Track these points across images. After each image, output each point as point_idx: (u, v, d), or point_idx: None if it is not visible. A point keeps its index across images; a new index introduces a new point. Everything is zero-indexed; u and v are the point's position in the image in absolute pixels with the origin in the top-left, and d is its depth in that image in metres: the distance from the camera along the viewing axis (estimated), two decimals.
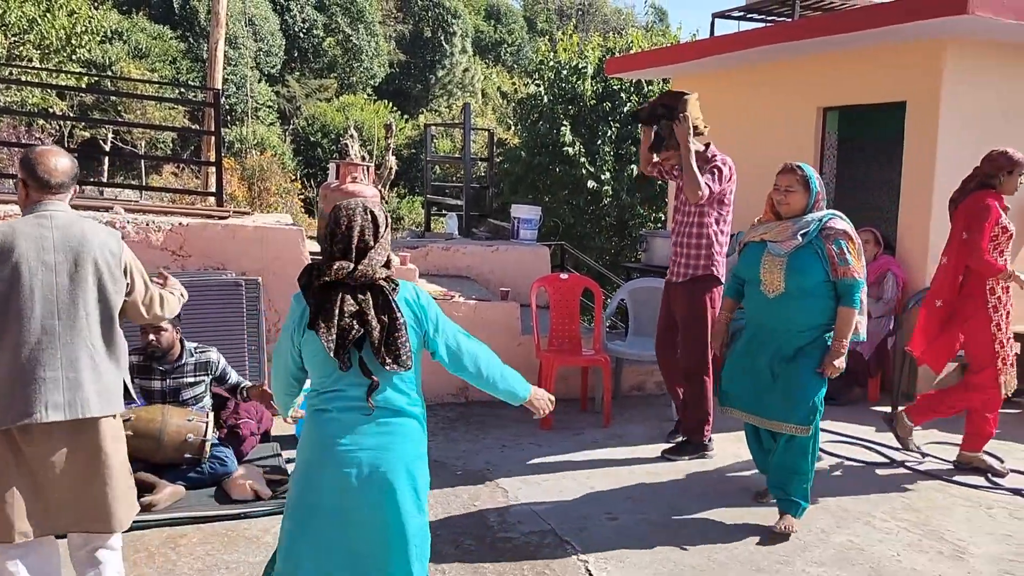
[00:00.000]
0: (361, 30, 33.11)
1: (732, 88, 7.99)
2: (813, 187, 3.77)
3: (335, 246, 2.33)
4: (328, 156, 24.14)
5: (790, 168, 3.81)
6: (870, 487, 4.49)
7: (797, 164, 3.81)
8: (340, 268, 2.28)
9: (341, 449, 2.31)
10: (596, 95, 12.81)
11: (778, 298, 3.79)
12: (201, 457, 4.03)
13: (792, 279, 3.74)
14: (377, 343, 2.27)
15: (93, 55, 22.38)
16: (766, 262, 3.82)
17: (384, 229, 2.39)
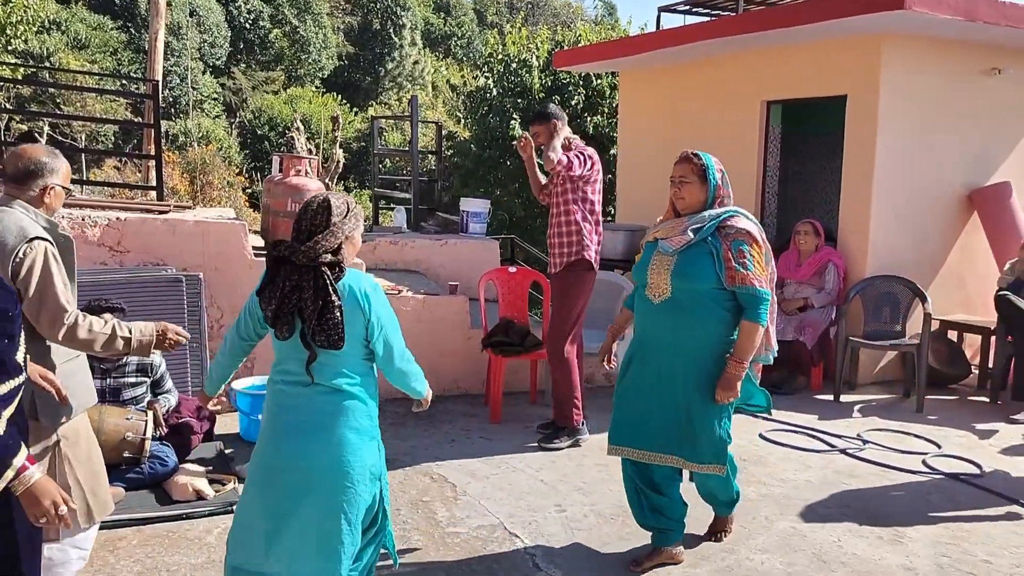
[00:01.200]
0: (308, 22, 32.62)
1: (678, 82, 8.06)
2: (712, 179, 3.25)
3: (295, 228, 2.57)
4: (275, 149, 23.77)
5: (685, 157, 3.32)
6: (813, 474, 4.57)
7: (694, 152, 3.31)
8: (287, 246, 2.51)
9: (283, 418, 2.56)
10: (545, 88, 12.81)
11: (664, 304, 3.24)
12: (141, 457, 3.94)
13: (679, 281, 3.20)
14: (308, 320, 2.47)
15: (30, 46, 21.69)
16: (654, 262, 3.30)
17: (339, 218, 2.57)
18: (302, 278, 2.48)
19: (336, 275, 2.51)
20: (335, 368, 2.54)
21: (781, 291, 6.41)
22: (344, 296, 2.50)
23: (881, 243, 6.38)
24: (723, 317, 3.21)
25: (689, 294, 3.19)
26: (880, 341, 6.12)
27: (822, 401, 6.00)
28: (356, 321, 2.52)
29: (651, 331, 3.32)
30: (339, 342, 2.46)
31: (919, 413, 5.75)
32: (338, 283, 2.50)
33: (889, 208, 6.37)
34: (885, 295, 6.25)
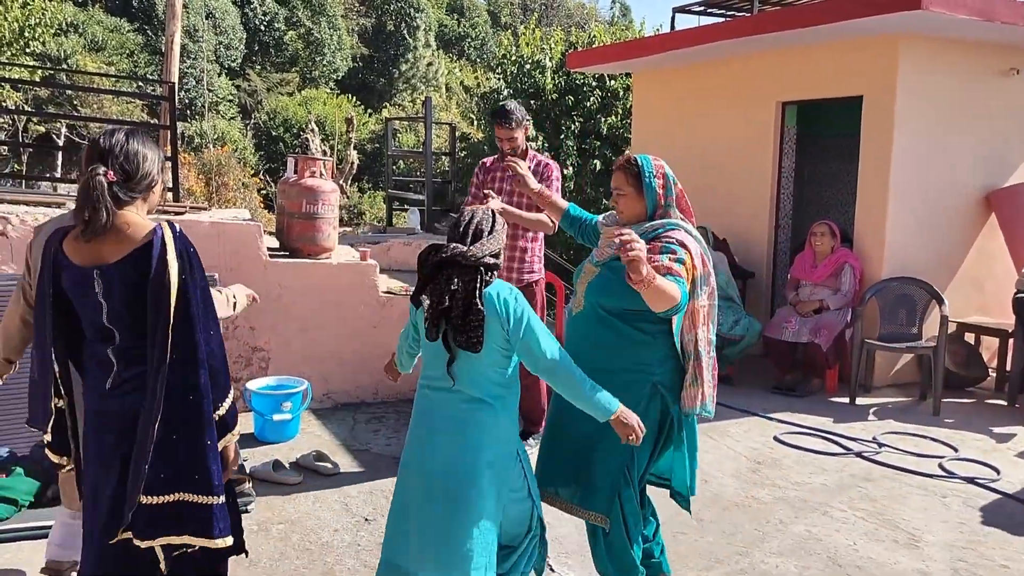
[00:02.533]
0: (323, 23, 32.75)
1: (692, 83, 8.03)
2: (650, 186, 2.80)
3: (454, 232, 2.61)
4: (290, 150, 23.88)
5: (619, 165, 2.86)
6: (828, 478, 4.55)
7: (629, 158, 2.86)
8: (455, 248, 2.53)
9: (421, 421, 2.63)
10: (558, 89, 12.80)
11: (578, 316, 2.91)
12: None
13: (592, 295, 2.84)
14: (453, 319, 2.49)
15: (48, 48, 21.91)
16: (584, 270, 2.95)
17: (500, 227, 2.65)
18: (462, 278, 2.51)
19: (488, 280, 2.55)
20: (475, 375, 2.55)
21: (796, 292, 6.38)
22: (485, 302, 2.51)
23: (897, 245, 6.33)
24: (634, 338, 2.76)
25: (599, 309, 2.81)
26: (896, 343, 6.08)
27: (837, 404, 5.97)
28: (495, 328, 2.51)
29: (568, 345, 2.86)
30: (477, 345, 2.46)
31: (936, 416, 5.71)
32: (488, 288, 2.55)
33: (905, 209, 6.33)
34: (901, 297, 6.21)
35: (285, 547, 3.55)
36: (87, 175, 2.24)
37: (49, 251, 2.32)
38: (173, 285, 2.23)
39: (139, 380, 2.27)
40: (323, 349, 5.51)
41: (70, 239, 2.30)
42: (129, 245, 2.26)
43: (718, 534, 3.80)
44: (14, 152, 21.12)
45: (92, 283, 2.26)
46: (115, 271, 2.25)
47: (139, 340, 2.27)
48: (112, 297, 2.26)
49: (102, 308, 2.28)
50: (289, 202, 5.63)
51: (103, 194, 2.22)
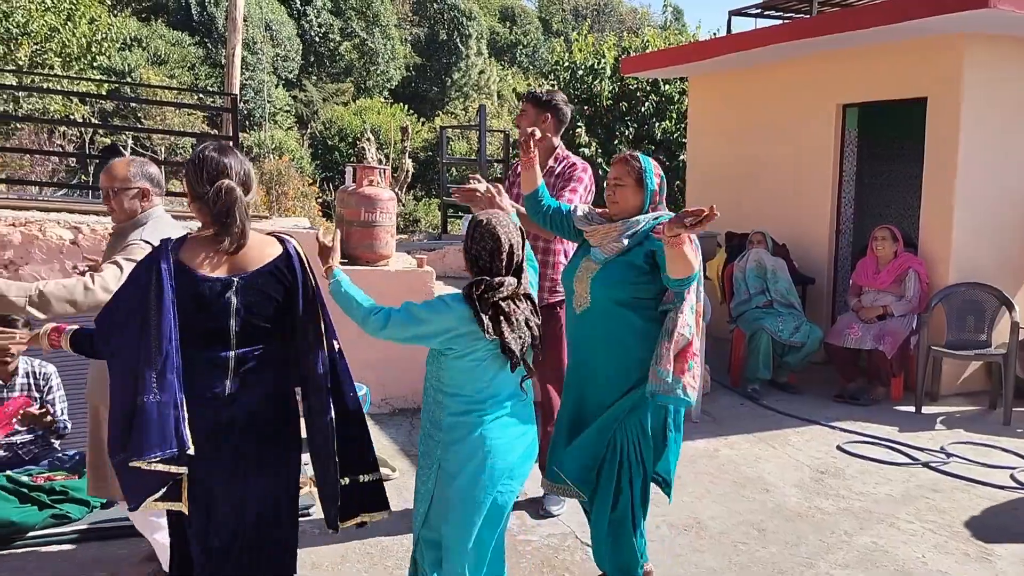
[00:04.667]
0: (377, 34, 33.19)
1: (750, 86, 7.94)
2: (648, 184, 2.97)
3: (496, 262, 2.52)
4: (345, 160, 24.24)
5: (623, 158, 3.04)
6: (894, 488, 4.43)
7: (632, 154, 3.05)
8: (510, 285, 2.51)
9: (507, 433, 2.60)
10: (612, 95, 12.76)
11: (584, 314, 3.01)
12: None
13: (599, 290, 2.95)
14: (539, 344, 2.58)
15: (113, 62, 22.63)
16: (581, 269, 3.04)
17: (526, 239, 2.67)
18: (525, 308, 2.56)
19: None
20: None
21: (859, 299, 6.25)
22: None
23: (964, 249, 6.16)
24: (641, 331, 2.90)
25: (607, 304, 2.92)
26: (964, 351, 5.90)
27: (902, 412, 5.82)
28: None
29: (576, 346, 3.11)
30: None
31: (1006, 425, 5.53)
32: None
33: (972, 213, 6.15)
34: (969, 303, 6.03)
35: (346, 551, 3.60)
36: (226, 191, 2.33)
37: (162, 263, 2.30)
38: (314, 288, 2.48)
39: (253, 383, 2.40)
40: (381, 355, 5.55)
41: (192, 251, 2.36)
42: (264, 256, 2.41)
43: (781, 545, 3.73)
44: (82, 164, 21.83)
45: (227, 292, 2.34)
46: (255, 279, 2.38)
47: (256, 345, 2.41)
48: (246, 305, 2.37)
49: (231, 315, 2.35)
50: (348, 210, 5.71)
51: (243, 208, 2.36)
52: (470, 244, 2.55)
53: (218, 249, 2.37)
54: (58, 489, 3.69)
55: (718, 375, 6.45)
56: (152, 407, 2.23)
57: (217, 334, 2.36)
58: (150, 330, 2.25)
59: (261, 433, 2.42)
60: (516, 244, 2.56)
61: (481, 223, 2.56)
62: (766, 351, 6.13)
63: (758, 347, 6.14)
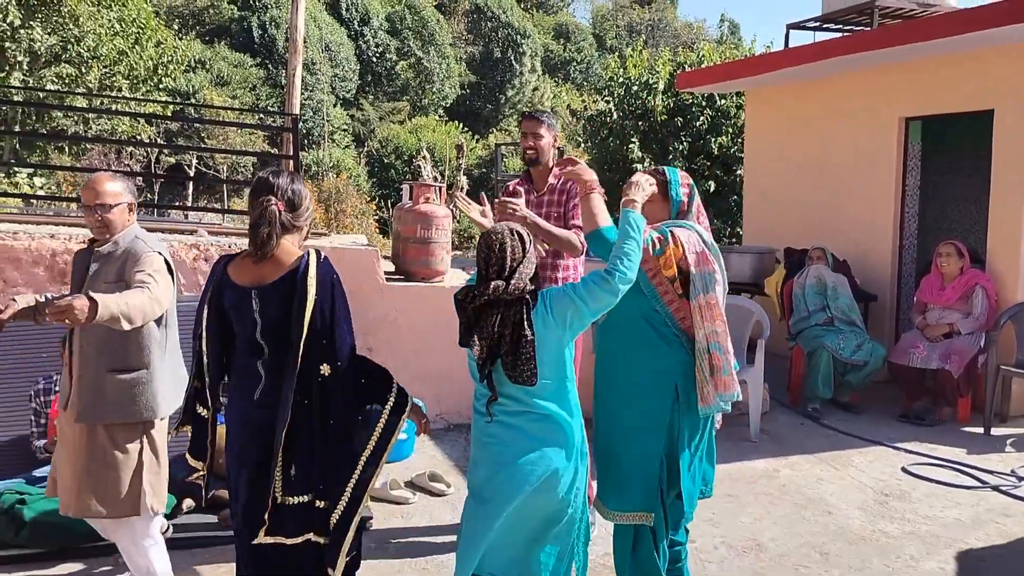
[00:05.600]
0: (432, 53, 33.66)
1: (809, 100, 7.83)
2: (675, 196, 2.98)
3: (490, 268, 2.55)
4: (401, 177, 24.55)
5: (651, 172, 3.05)
6: (963, 512, 4.29)
7: (661, 168, 3.06)
8: (496, 287, 2.50)
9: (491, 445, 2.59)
10: (667, 110, 12.70)
11: (603, 324, 2.99)
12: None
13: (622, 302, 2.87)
14: (504, 356, 2.50)
15: (178, 84, 23.36)
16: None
17: (530, 244, 2.63)
18: (506, 313, 2.50)
19: (533, 303, 2.55)
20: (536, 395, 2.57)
21: (924, 316, 6.08)
22: (538, 321, 2.54)
23: None
24: (652, 341, 2.89)
25: (619, 313, 2.83)
26: None
27: (970, 434, 5.63)
28: (552, 344, 2.57)
29: (599, 359, 3.07)
30: (532, 378, 2.49)
31: None
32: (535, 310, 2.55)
33: None
34: None
35: (402, 565, 3.62)
36: (261, 203, 2.54)
37: (215, 273, 2.62)
38: (309, 305, 2.49)
39: (282, 389, 2.52)
40: (436, 370, 5.60)
41: (237, 263, 2.61)
42: (284, 268, 2.55)
43: (844, 568, 3.64)
44: (148, 183, 22.53)
45: (251, 301, 2.54)
46: (270, 291, 2.53)
47: (283, 353, 2.54)
48: (266, 314, 2.54)
49: (256, 324, 2.55)
50: (404, 227, 5.78)
51: (275, 219, 2.53)
52: (478, 250, 2.64)
53: (251, 259, 2.57)
54: None
55: (777, 393, 6.34)
56: (192, 392, 2.72)
57: (251, 341, 2.57)
58: (200, 332, 2.64)
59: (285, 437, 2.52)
60: (510, 249, 2.55)
61: (494, 231, 2.62)
62: (827, 369, 6.00)
63: (818, 365, 6.01)
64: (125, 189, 3.08)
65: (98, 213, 3.00)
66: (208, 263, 5.28)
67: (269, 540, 2.56)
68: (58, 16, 17.76)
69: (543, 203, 3.87)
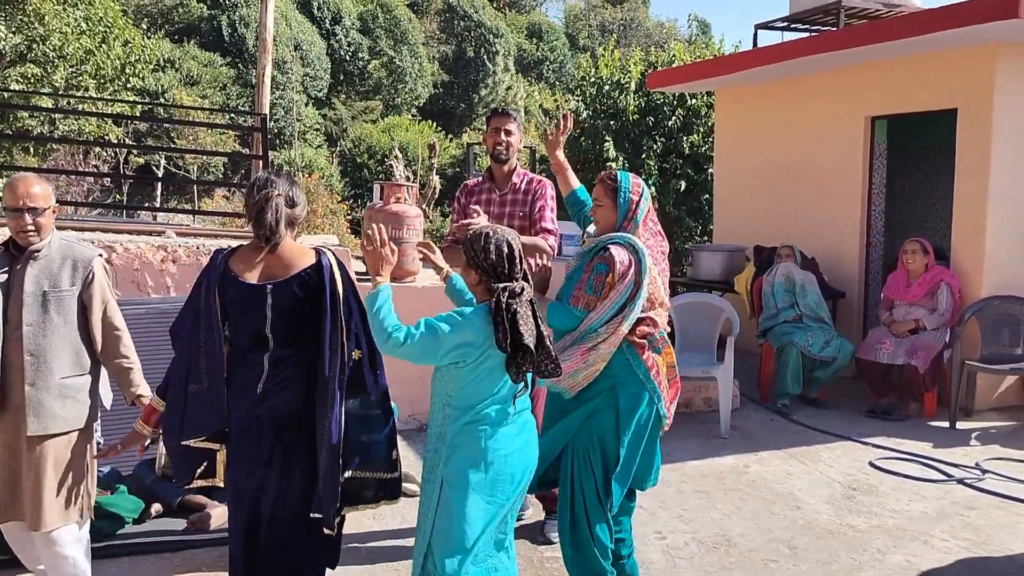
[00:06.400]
0: (405, 52, 33.52)
1: (777, 99, 7.91)
2: (623, 200, 3.05)
3: (514, 268, 2.59)
4: (374, 177, 24.41)
5: (599, 178, 3.15)
6: (928, 505, 4.36)
7: (613, 173, 3.12)
8: (527, 291, 2.57)
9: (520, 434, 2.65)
10: (639, 110, 12.74)
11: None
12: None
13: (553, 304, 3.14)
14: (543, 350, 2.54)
15: (146, 83, 23.03)
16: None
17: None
18: (534, 311, 2.56)
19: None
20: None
21: (890, 312, 6.17)
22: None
23: (998, 261, 6.06)
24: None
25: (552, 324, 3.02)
26: (999, 365, 5.80)
27: (936, 428, 5.73)
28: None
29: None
30: (557, 369, 2.57)
31: None
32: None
33: (1006, 224, 6.06)
34: (1004, 316, 5.93)
35: (373, 567, 3.61)
36: (266, 194, 2.62)
37: (214, 270, 2.66)
38: (340, 298, 2.66)
39: (286, 383, 2.63)
40: (409, 371, 5.54)
41: (239, 260, 2.66)
42: (298, 265, 2.64)
43: (812, 563, 3.68)
44: (116, 183, 22.23)
45: (263, 297, 2.61)
46: (286, 286, 2.62)
47: (288, 348, 2.65)
48: (278, 309, 2.61)
49: (266, 319, 2.61)
50: None
51: (280, 208, 2.62)
52: (484, 255, 2.57)
53: (258, 255, 2.65)
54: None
55: (747, 390, 6.40)
56: (201, 395, 2.63)
57: (257, 335, 2.63)
58: (200, 329, 2.63)
59: (288, 431, 2.64)
60: (515, 249, 2.63)
61: (490, 234, 2.61)
62: (795, 366, 6.07)
63: (787, 362, 6.08)
64: (52, 191, 3.04)
65: (29, 217, 2.91)
66: (176, 264, 5.22)
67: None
68: (22, 15, 17.45)
69: (506, 202, 3.83)
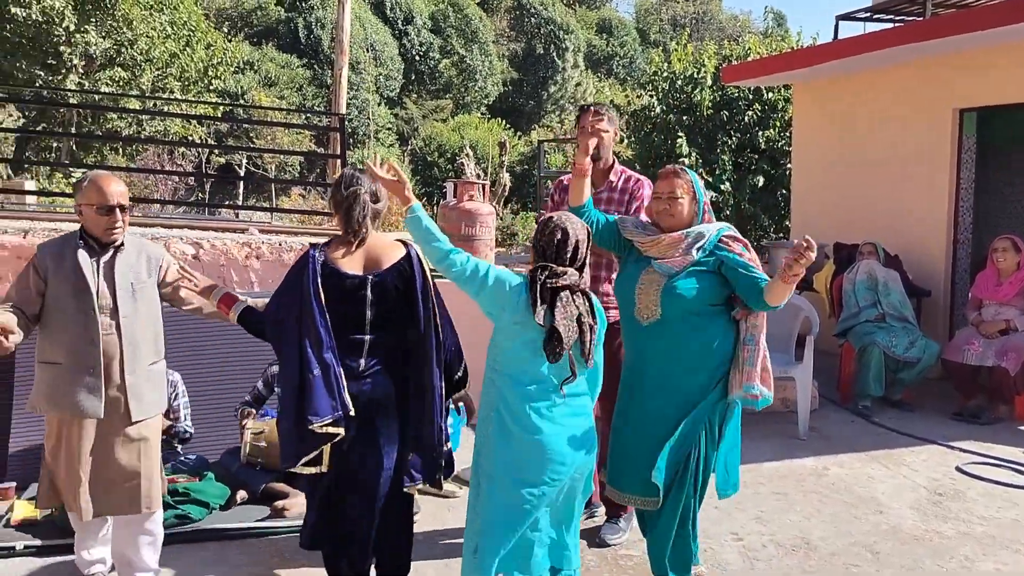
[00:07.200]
0: (475, 50, 33.71)
1: (859, 92, 7.68)
2: (700, 195, 3.11)
3: (562, 255, 2.72)
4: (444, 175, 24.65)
5: (673, 172, 3.12)
6: (1020, 512, 4.19)
7: (680, 167, 3.15)
8: (570, 276, 2.69)
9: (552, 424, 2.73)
10: (713, 104, 12.54)
11: (653, 326, 3.06)
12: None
13: (670, 300, 3.01)
14: (587, 344, 2.68)
15: (227, 85, 23.73)
16: (644, 281, 3.09)
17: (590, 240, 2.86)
18: (580, 304, 2.69)
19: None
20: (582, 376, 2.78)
21: (979, 312, 5.94)
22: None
23: None
24: (712, 339, 3.05)
25: (680, 315, 3.02)
26: None
27: None
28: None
29: (642, 359, 3.15)
30: (590, 362, 2.76)
31: None
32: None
33: None
34: None
35: (448, 559, 3.65)
36: (354, 191, 2.88)
37: (309, 262, 2.86)
38: (429, 286, 2.92)
39: (383, 365, 2.91)
40: (482, 366, 5.62)
41: (335, 252, 2.90)
42: (392, 257, 2.91)
43: (896, 568, 3.58)
44: (199, 182, 22.97)
45: (364, 287, 2.86)
46: (385, 277, 2.89)
47: (385, 333, 2.91)
48: (377, 297, 2.88)
49: (366, 307, 2.87)
50: (448, 225, 5.81)
51: (367, 204, 2.89)
52: (539, 237, 2.76)
53: (351, 248, 2.90)
54: (180, 491, 3.88)
55: (826, 391, 6.25)
56: (318, 381, 2.78)
57: (355, 320, 2.88)
58: (305, 318, 2.81)
59: (385, 408, 2.90)
60: (582, 241, 2.74)
61: (551, 219, 2.78)
62: (878, 366, 5.89)
63: (869, 362, 5.91)
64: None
65: (118, 214, 3.04)
66: (259, 260, 5.38)
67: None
68: (112, 20, 18.18)
69: (601, 200, 3.74)
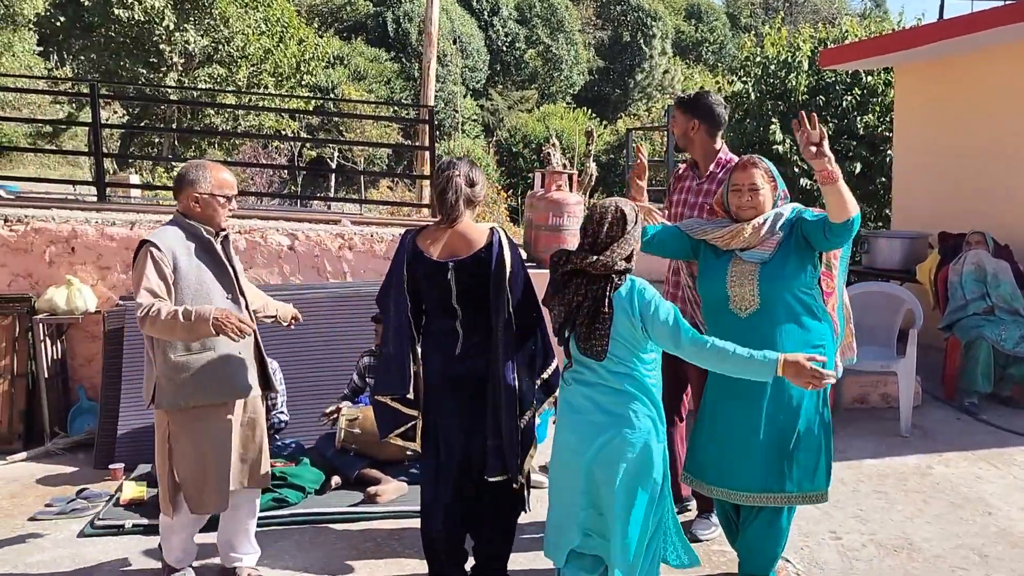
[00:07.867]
0: (561, 40, 33.61)
1: (966, 74, 7.31)
2: (779, 183, 3.08)
3: (585, 239, 2.72)
4: (529, 166, 24.69)
5: (751, 162, 3.05)
6: None
7: (756, 157, 3.08)
8: (584, 258, 2.64)
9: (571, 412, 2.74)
10: (808, 89, 12.15)
11: (751, 318, 2.98)
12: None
13: (769, 287, 2.96)
14: (578, 328, 2.65)
15: (318, 80, 24.33)
16: (734, 272, 3.01)
17: (632, 225, 2.70)
18: (590, 287, 2.64)
19: (618, 284, 2.64)
20: (612, 371, 2.66)
21: None
22: (618, 301, 2.63)
23: None
24: (811, 318, 3.03)
25: (780, 300, 2.98)
26: None
27: None
28: (623, 326, 2.63)
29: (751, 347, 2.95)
30: (602, 354, 2.61)
31: None
32: (618, 290, 2.63)
33: None
34: None
35: (537, 551, 3.65)
36: (448, 176, 2.93)
37: (404, 248, 2.98)
38: (507, 274, 2.90)
39: (480, 346, 2.95)
40: None
41: (425, 238, 2.98)
42: (477, 243, 2.93)
43: (1007, 572, 3.41)
44: (291, 175, 23.65)
45: (446, 272, 2.92)
46: (466, 263, 2.92)
47: (477, 315, 2.95)
48: (461, 282, 2.93)
49: (452, 291, 2.93)
50: (536, 215, 5.81)
51: (460, 188, 2.92)
52: (584, 220, 2.78)
53: (442, 234, 2.95)
54: (278, 475, 3.99)
55: (929, 386, 5.99)
56: (388, 356, 3.00)
57: (444, 304, 2.96)
58: (390, 301, 2.99)
59: (481, 390, 2.93)
60: (608, 225, 2.66)
61: (601, 202, 2.76)
62: (986, 362, 5.61)
63: (977, 357, 5.63)
64: None
65: (230, 203, 3.14)
66: (352, 251, 5.49)
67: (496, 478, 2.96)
68: (209, 18, 18.86)
69: (700, 191, 3.67)
